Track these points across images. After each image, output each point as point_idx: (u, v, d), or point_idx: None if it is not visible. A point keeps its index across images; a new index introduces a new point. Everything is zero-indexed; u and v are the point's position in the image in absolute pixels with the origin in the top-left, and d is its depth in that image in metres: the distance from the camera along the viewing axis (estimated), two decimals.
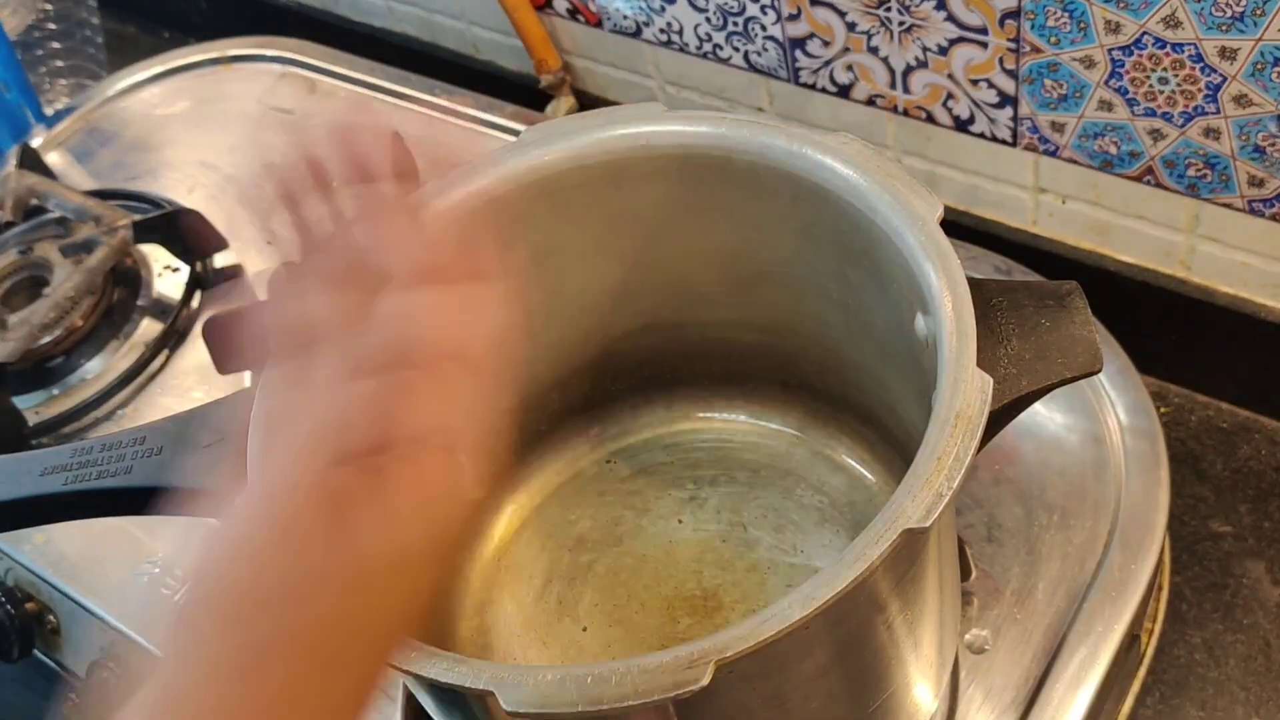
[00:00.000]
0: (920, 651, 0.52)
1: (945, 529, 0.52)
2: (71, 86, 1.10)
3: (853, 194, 0.52)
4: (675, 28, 0.80)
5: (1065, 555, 0.64)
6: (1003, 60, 0.67)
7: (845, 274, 0.57)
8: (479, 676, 0.42)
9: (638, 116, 0.57)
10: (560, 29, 0.87)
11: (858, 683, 0.51)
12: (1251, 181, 0.65)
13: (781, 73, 0.78)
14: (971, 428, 0.44)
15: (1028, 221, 0.75)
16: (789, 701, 0.48)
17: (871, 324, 0.57)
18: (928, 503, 0.43)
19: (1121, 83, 0.64)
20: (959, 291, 0.48)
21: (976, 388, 0.45)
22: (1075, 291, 0.51)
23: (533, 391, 0.66)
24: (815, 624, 0.41)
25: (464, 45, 0.95)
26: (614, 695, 0.41)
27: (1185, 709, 0.63)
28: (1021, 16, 0.65)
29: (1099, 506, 0.65)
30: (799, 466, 0.67)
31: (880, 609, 0.47)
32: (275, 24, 1.03)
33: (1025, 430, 0.68)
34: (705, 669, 0.40)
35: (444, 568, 0.39)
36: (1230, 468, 0.71)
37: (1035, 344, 0.49)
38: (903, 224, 0.50)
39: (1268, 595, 0.66)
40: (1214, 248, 0.69)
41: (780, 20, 0.74)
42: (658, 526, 0.66)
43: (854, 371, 0.62)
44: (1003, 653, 0.61)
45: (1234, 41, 0.59)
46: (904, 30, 0.70)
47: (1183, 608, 0.66)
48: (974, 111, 0.71)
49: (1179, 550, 0.68)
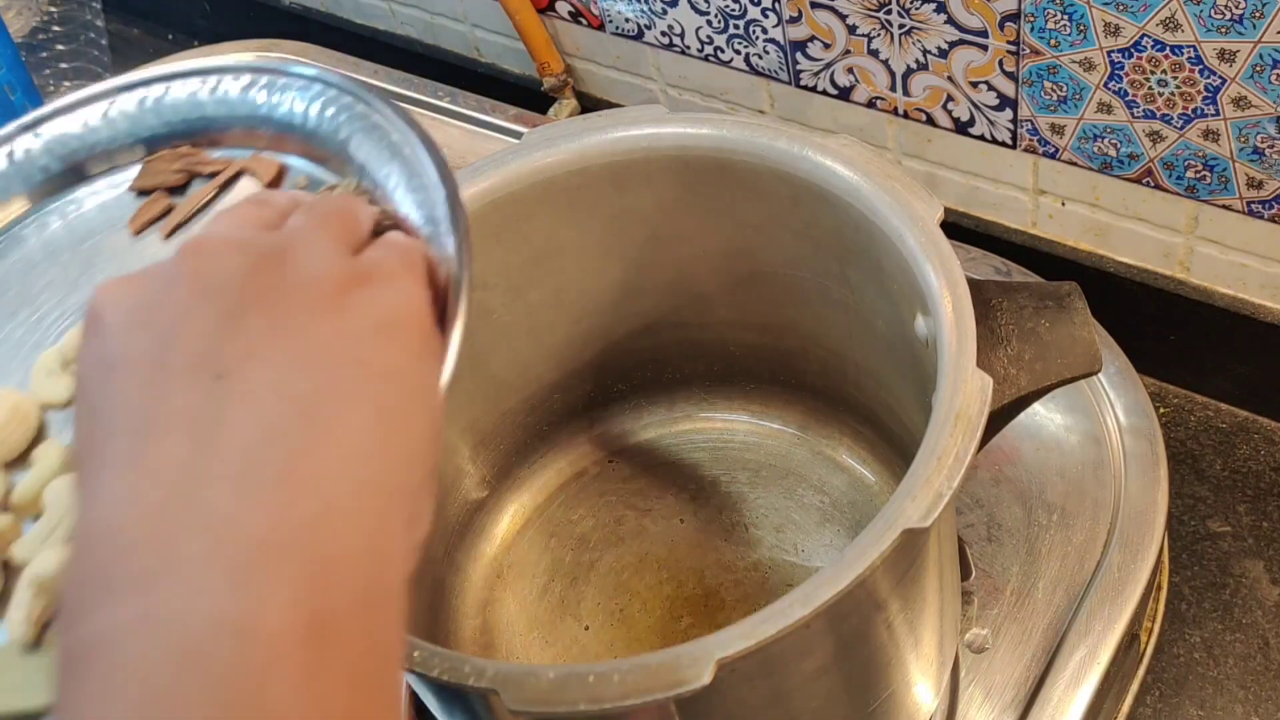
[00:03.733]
0: (920, 651, 0.53)
1: (945, 529, 0.52)
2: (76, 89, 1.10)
3: (853, 195, 0.52)
4: (677, 30, 0.80)
5: (1065, 555, 0.64)
6: (1002, 63, 0.68)
7: (846, 275, 0.57)
8: (482, 676, 0.42)
9: (639, 119, 0.57)
10: (562, 32, 0.87)
11: (858, 682, 0.51)
12: (1250, 183, 0.65)
13: (782, 75, 0.78)
14: (971, 428, 0.44)
15: (1027, 223, 0.76)
16: (790, 700, 0.48)
17: (872, 324, 0.57)
18: (928, 502, 0.43)
19: (1121, 85, 0.64)
20: (959, 292, 0.48)
21: (976, 388, 0.45)
22: (1074, 292, 0.51)
23: (535, 392, 0.66)
24: (816, 623, 0.41)
25: (466, 48, 0.96)
26: (616, 694, 0.41)
27: (1184, 708, 0.64)
28: (1021, 19, 0.65)
29: (1098, 506, 0.65)
30: (800, 466, 0.67)
31: (880, 608, 0.47)
32: (278, 27, 1.03)
33: (1025, 430, 0.68)
34: (706, 668, 0.40)
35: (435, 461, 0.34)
36: (1229, 468, 0.71)
37: (1035, 344, 0.50)
38: (903, 225, 0.50)
39: (1266, 595, 0.66)
40: (1213, 249, 0.69)
41: (781, 23, 0.74)
42: (659, 526, 0.67)
43: (854, 372, 0.62)
44: (1002, 652, 0.61)
45: (1233, 44, 0.59)
46: (904, 33, 0.70)
47: (1182, 607, 0.66)
48: (974, 114, 0.71)
49: (1178, 550, 0.68)
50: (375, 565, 0.30)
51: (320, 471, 0.29)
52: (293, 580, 0.28)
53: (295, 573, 0.28)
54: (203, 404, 0.30)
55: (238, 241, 0.34)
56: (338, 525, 0.29)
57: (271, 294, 0.32)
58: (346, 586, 0.29)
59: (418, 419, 0.32)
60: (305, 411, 0.30)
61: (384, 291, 0.34)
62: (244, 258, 0.33)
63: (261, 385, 0.30)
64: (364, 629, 0.29)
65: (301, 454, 0.29)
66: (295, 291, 0.32)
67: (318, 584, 0.28)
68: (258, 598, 0.27)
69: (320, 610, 0.28)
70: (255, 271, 0.33)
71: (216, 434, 0.29)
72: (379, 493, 0.30)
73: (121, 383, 0.31)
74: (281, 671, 0.27)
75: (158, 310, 0.32)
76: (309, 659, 0.27)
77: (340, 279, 0.33)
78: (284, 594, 0.28)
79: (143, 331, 0.32)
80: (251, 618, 0.27)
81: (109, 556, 0.28)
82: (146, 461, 0.29)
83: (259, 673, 0.27)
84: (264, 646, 0.27)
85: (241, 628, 0.27)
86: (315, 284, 0.33)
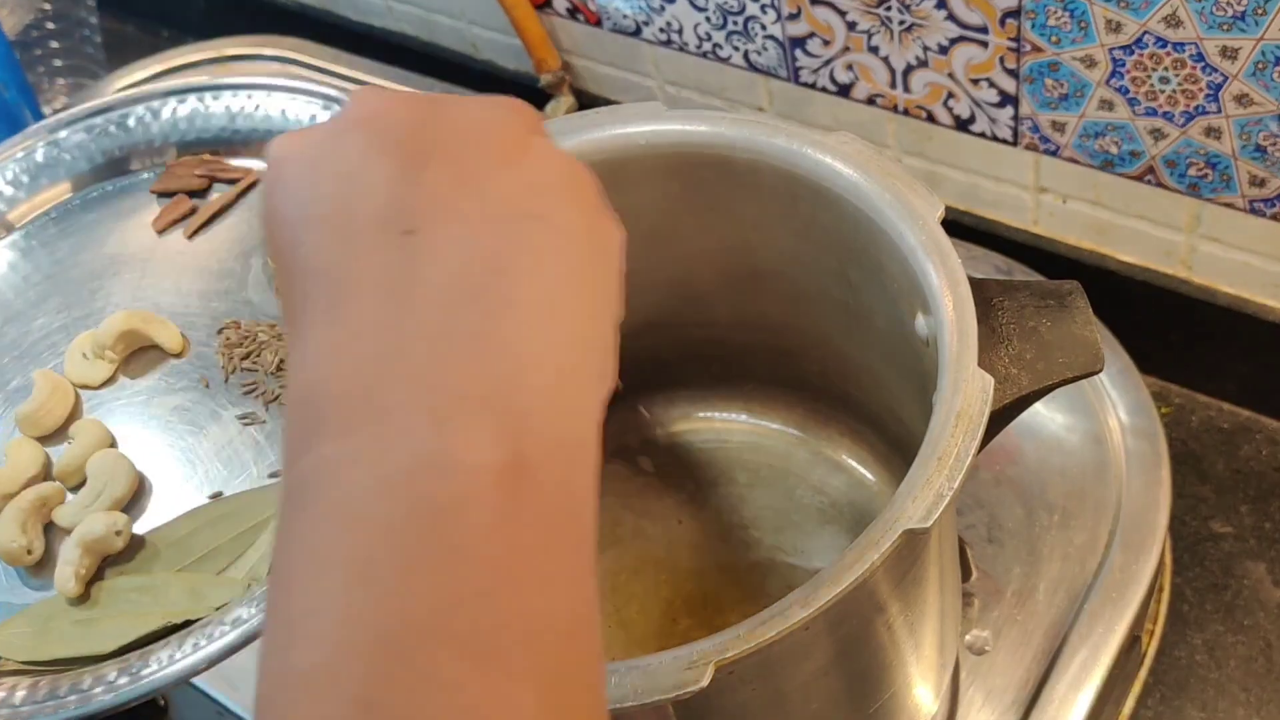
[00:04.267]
0: (921, 653, 0.52)
1: (946, 529, 0.52)
2: (70, 86, 1.09)
3: (853, 193, 0.52)
4: (675, 27, 0.79)
5: (1066, 556, 0.64)
6: (1003, 59, 0.67)
7: (846, 273, 0.57)
8: None
9: (637, 116, 0.56)
10: (559, 28, 0.87)
11: (858, 684, 0.51)
12: (1253, 181, 0.64)
13: (781, 72, 0.77)
14: (972, 428, 0.44)
15: (1028, 221, 0.75)
16: (789, 703, 0.48)
17: (872, 324, 0.57)
18: (928, 503, 0.43)
19: (1122, 82, 0.64)
20: (960, 291, 0.48)
21: (977, 388, 0.45)
22: (1076, 291, 0.51)
23: None
24: (815, 625, 0.41)
25: (463, 44, 0.95)
26: (613, 696, 0.41)
27: (1186, 710, 0.63)
28: (1022, 16, 0.64)
29: (1100, 507, 0.65)
30: (799, 467, 0.67)
31: (881, 610, 0.47)
32: (274, 23, 1.03)
33: (1026, 430, 0.68)
34: (705, 670, 0.40)
35: None
36: (1231, 468, 0.71)
37: (1036, 344, 0.49)
38: (903, 223, 0.50)
39: (1269, 596, 0.66)
40: (1215, 247, 0.69)
41: (780, 19, 0.74)
42: (658, 527, 0.66)
43: (854, 371, 0.62)
44: (1003, 654, 0.61)
45: (1235, 41, 0.59)
46: (904, 29, 0.69)
47: (1184, 609, 0.66)
48: (974, 111, 0.71)
49: (1180, 551, 0.68)
50: (569, 417, 0.31)
51: (514, 329, 0.30)
52: (491, 427, 0.29)
53: (493, 421, 0.29)
54: (394, 261, 0.31)
55: (405, 94, 0.34)
56: (533, 380, 0.30)
57: (450, 142, 0.33)
58: (543, 434, 0.30)
59: (601, 274, 0.33)
60: (496, 269, 0.31)
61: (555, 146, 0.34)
62: (416, 106, 0.33)
63: (450, 241, 0.31)
64: (558, 476, 0.30)
65: (494, 313, 0.30)
66: (473, 140, 0.33)
67: (514, 431, 0.29)
68: (458, 439, 0.29)
69: (517, 453, 0.29)
70: (429, 121, 0.33)
71: (410, 292, 0.30)
72: (571, 348, 0.31)
73: (313, 242, 0.32)
74: (478, 505, 0.28)
75: (338, 160, 0.33)
76: (504, 498, 0.28)
77: (517, 127, 0.34)
78: (483, 437, 0.29)
79: (325, 184, 0.32)
80: (451, 455, 0.28)
81: (319, 406, 0.30)
82: (346, 320, 0.30)
83: (456, 505, 0.28)
84: (462, 481, 0.28)
85: (442, 463, 0.28)
86: (493, 131, 0.33)
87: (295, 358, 0.31)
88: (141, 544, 0.53)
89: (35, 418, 0.57)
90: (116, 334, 0.58)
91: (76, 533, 0.52)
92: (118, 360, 0.59)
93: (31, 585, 0.53)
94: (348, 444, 0.29)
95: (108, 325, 0.59)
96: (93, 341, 0.59)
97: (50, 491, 0.55)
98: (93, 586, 0.52)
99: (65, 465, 0.55)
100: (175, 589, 0.51)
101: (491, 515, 0.28)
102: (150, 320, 0.59)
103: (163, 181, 0.66)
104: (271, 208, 0.33)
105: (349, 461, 0.29)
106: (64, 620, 0.51)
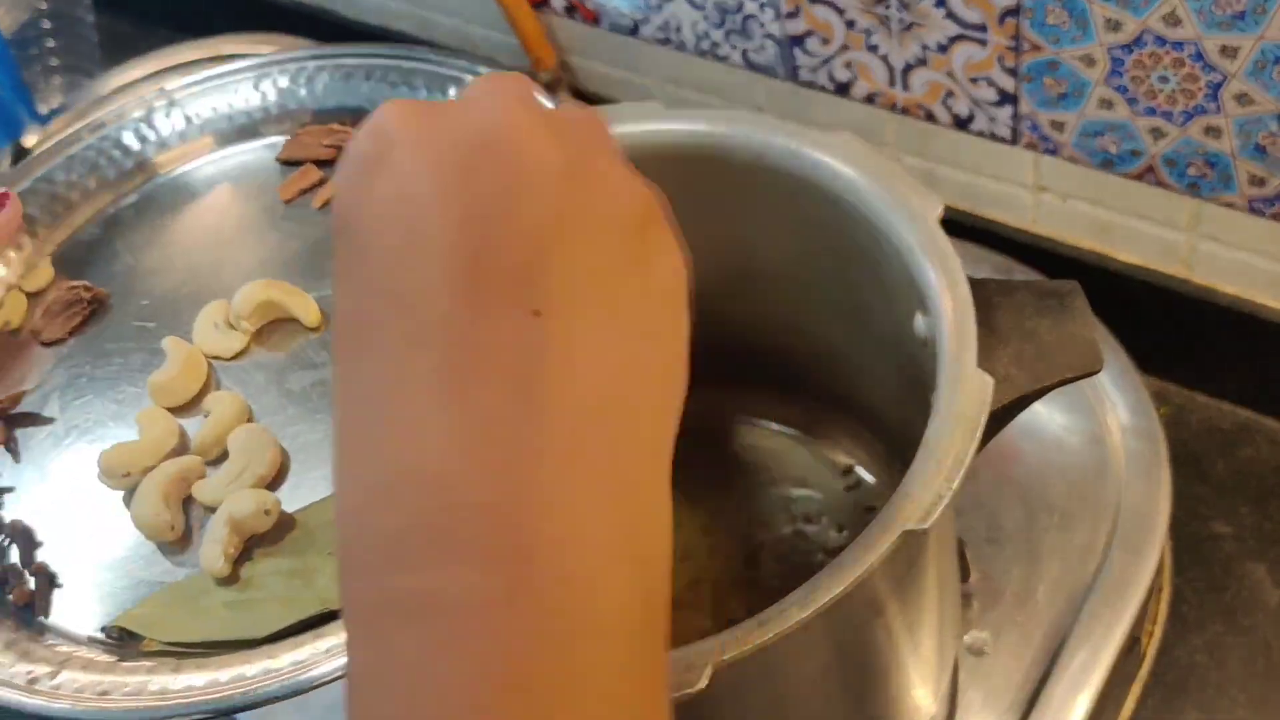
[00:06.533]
0: (919, 654, 0.52)
1: (945, 530, 0.52)
2: (66, 84, 1.09)
3: (852, 193, 0.52)
4: (673, 25, 0.79)
5: (1065, 557, 0.64)
6: (1002, 58, 0.67)
7: (845, 273, 0.56)
8: None
9: (635, 115, 0.56)
10: (557, 26, 0.87)
11: (856, 685, 0.51)
12: (1253, 180, 0.64)
13: (780, 71, 0.77)
14: (971, 428, 0.44)
15: (1028, 220, 0.75)
16: (787, 704, 0.47)
17: (871, 324, 0.57)
18: (927, 504, 0.43)
19: (1122, 81, 0.64)
20: (959, 291, 0.48)
21: (976, 388, 0.45)
22: (1076, 291, 0.51)
23: None
24: (814, 626, 0.41)
25: (460, 42, 0.95)
26: None
27: (1186, 711, 0.63)
28: (1021, 14, 0.64)
29: (1099, 507, 0.65)
30: (799, 467, 0.67)
31: (879, 611, 0.46)
32: (270, 21, 1.03)
33: (1025, 431, 0.68)
34: (703, 671, 0.40)
35: None
36: (1231, 468, 0.71)
37: (1036, 344, 0.49)
38: (902, 223, 0.50)
39: (1269, 597, 0.66)
40: (1215, 247, 0.69)
41: (779, 18, 0.74)
42: None
43: (854, 371, 0.62)
44: (1003, 655, 0.61)
45: (1235, 40, 0.59)
46: (903, 28, 0.69)
47: (1184, 609, 0.66)
48: (974, 110, 0.71)
49: (1180, 551, 0.68)
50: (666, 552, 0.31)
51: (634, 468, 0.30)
52: (629, 582, 0.29)
53: (629, 573, 0.29)
54: (525, 345, 0.28)
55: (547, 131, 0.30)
56: (654, 530, 0.30)
57: (588, 216, 0.30)
58: (663, 590, 0.30)
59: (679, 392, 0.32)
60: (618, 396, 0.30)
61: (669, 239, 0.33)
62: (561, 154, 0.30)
63: (578, 342, 0.29)
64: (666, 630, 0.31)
65: (619, 440, 0.29)
66: (608, 221, 0.31)
67: (644, 581, 0.30)
68: (609, 599, 0.29)
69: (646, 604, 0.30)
70: (572, 177, 0.30)
71: (543, 395, 0.28)
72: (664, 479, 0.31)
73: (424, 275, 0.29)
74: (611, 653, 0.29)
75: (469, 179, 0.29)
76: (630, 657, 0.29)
77: (641, 214, 0.32)
78: (623, 588, 0.29)
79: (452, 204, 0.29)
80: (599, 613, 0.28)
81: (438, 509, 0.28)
82: (474, 406, 0.28)
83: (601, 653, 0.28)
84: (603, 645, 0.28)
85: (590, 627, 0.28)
86: (624, 214, 0.31)
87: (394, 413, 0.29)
88: (290, 524, 0.49)
89: (170, 387, 0.53)
90: (254, 305, 0.55)
91: (223, 510, 0.49)
92: (251, 331, 0.56)
93: (169, 562, 0.50)
94: (498, 578, 0.27)
95: (244, 295, 0.55)
96: (226, 311, 0.56)
97: (191, 464, 0.51)
98: (240, 567, 0.48)
99: (204, 439, 0.52)
100: (329, 573, 0.48)
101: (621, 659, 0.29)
102: (289, 291, 0.56)
103: (289, 149, 0.63)
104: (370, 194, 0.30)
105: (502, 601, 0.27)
106: (213, 600, 0.48)
